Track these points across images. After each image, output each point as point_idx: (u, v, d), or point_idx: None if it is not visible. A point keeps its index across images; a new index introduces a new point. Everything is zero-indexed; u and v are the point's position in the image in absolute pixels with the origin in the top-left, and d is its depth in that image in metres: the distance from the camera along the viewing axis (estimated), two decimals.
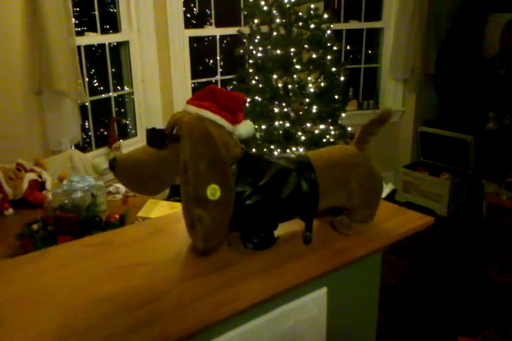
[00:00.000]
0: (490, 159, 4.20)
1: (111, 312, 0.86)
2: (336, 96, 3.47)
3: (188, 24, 3.86)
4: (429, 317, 2.80)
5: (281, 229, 1.10)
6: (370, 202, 1.12)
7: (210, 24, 3.95)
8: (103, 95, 3.55)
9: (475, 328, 2.69)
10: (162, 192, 1.02)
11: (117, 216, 2.12)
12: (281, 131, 3.34)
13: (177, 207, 2.41)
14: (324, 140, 3.40)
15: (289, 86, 3.36)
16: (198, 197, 0.92)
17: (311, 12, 3.36)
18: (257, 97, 3.40)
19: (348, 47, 4.62)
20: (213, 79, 4.09)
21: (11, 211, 2.41)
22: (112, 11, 3.62)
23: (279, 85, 3.39)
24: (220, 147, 0.94)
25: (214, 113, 0.97)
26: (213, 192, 0.91)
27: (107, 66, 3.48)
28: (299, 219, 1.11)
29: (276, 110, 3.35)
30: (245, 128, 1.01)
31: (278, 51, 3.33)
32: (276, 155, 1.09)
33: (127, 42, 3.50)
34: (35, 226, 1.97)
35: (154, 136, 0.96)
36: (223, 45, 4.17)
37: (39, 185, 2.53)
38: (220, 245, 1.06)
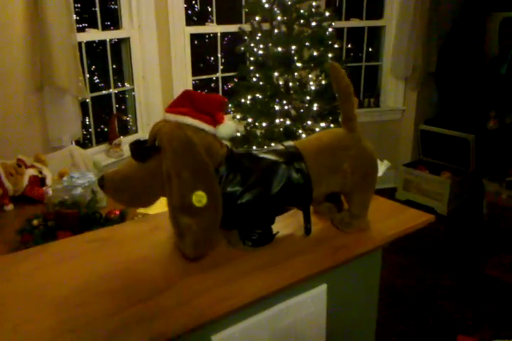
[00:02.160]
0: (491, 158, 4.20)
1: (110, 307, 0.86)
2: (337, 94, 3.46)
3: (189, 21, 3.85)
4: (428, 316, 2.80)
5: (281, 226, 1.10)
6: (364, 184, 1.09)
7: (212, 21, 3.95)
8: (104, 91, 3.55)
9: (474, 327, 2.69)
10: (155, 203, 1.02)
11: (117, 212, 2.12)
12: (281, 129, 3.34)
13: None
14: None
15: (290, 83, 3.36)
16: (184, 206, 0.91)
17: (313, 10, 3.36)
18: (257, 95, 3.40)
19: (349, 46, 4.62)
20: (214, 77, 4.08)
21: (11, 207, 2.40)
22: (113, 7, 3.61)
23: (280, 83, 3.38)
24: (202, 153, 0.93)
25: (193, 118, 0.95)
26: (199, 198, 0.91)
27: (107, 62, 3.48)
28: (295, 211, 1.10)
29: (277, 108, 3.34)
30: (226, 128, 0.99)
31: (279, 49, 3.33)
32: (264, 149, 1.07)
33: (128, 38, 3.49)
34: (35, 222, 1.97)
35: (137, 150, 0.95)
36: (224, 42, 4.16)
37: (39, 181, 2.53)
38: (212, 250, 1.04)
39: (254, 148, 3.30)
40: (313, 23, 3.36)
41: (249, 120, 3.47)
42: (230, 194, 0.97)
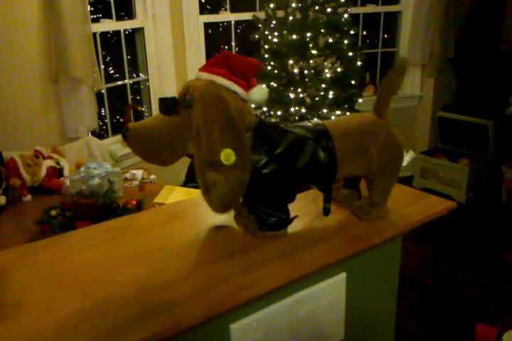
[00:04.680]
0: (510, 144, 4.13)
1: (129, 296, 0.86)
2: (353, 82, 3.42)
3: (202, 10, 3.83)
4: (447, 304, 2.78)
5: (299, 214, 1.09)
6: (389, 171, 1.09)
7: (225, 9, 3.92)
8: (119, 82, 3.55)
9: (493, 315, 2.67)
10: (175, 162, 0.99)
11: (134, 202, 2.13)
12: (297, 117, 3.32)
13: (193, 193, 2.41)
14: None
15: (305, 71, 3.33)
16: (212, 161, 0.90)
17: None
18: (272, 83, 3.37)
19: (365, 33, 4.55)
20: None
21: (29, 197, 2.43)
22: None
23: (295, 71, 3.35)
24: (233, 111, 0.92)
25: (227, 79, 0.95)
26: (227, 156, 0.90)
27: (122, 53, 3.48)
28: (313, 198, 1.09)
29: (292, 96, 3.32)
30: (258, 93, 0.99)
31: (294, 36, 3.29)
32: (293, 124, 1.06)
33: (142, 28, 3.49)
34: (53, 212, 1.99)
35: (166, 104, 0.93)
36: (238, 30, 4.13)
37: (57, 172, 2.56)
38: (238, 206, 1.05)
39: None
40: (329, 10, 3.31)
41: (264, 108, 3.45)
42: (254, 162, 0.95)
